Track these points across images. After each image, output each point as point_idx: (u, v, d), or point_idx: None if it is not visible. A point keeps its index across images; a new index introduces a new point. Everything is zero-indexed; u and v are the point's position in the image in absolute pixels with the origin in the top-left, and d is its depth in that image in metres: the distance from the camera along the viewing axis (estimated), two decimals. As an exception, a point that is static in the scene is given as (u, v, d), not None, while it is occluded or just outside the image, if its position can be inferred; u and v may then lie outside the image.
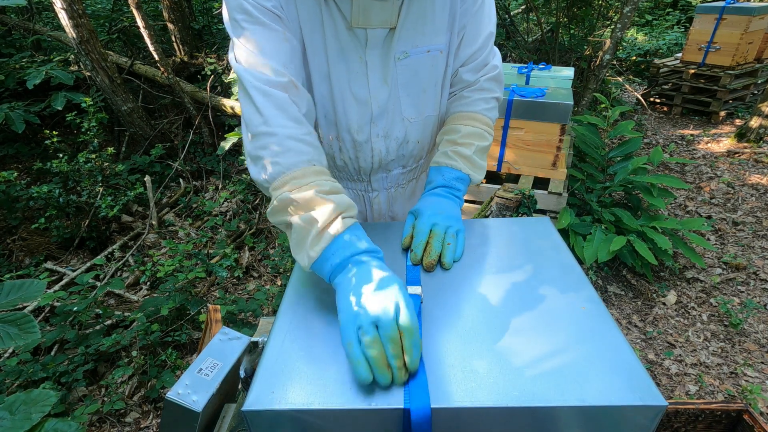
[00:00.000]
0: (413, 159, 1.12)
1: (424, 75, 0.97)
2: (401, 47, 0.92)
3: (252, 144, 0.80)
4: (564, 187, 2.71)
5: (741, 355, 2.26)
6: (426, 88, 0.99)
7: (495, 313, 0.69)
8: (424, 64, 0.96)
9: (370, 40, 0.90)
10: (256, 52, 0.80)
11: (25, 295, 1.09)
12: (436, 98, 1.04)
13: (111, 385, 2.00)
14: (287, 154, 0.77)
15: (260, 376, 0.61)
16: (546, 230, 0.91)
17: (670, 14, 8.19)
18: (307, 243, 0.71)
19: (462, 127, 1.01)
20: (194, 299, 2.34)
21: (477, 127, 1.02)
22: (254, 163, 0.80)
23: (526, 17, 6.20)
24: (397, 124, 1.02)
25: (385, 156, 1.06)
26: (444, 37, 0.96)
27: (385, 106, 0.98)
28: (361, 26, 0.87)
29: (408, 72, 0.95)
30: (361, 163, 1.06)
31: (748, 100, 5.06)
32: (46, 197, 2.89)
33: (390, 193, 1.16)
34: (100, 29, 4.64)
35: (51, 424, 0.90)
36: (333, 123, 0.99)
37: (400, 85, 0.96)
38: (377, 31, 0.89)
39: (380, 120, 0.99)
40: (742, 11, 4.42)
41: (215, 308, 1.26)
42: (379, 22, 0.88)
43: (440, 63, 0.98)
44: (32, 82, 3.24)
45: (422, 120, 1.04)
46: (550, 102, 2.55)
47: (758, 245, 3.01)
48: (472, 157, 0.99)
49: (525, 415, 0.55)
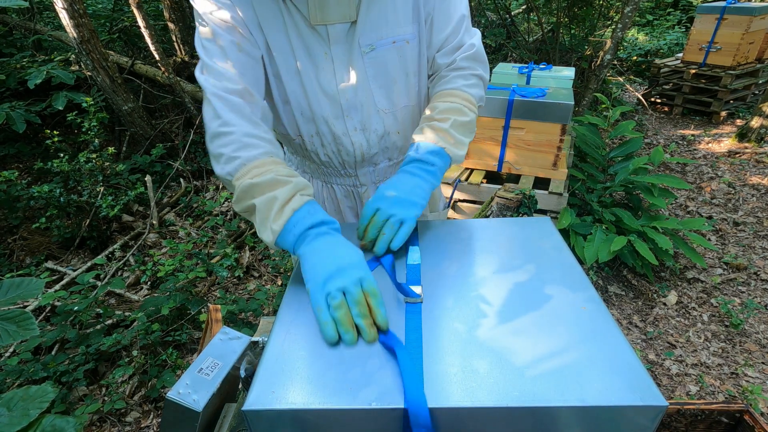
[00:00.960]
0: (398, 151, 1.13)
1: (392, 66, 0.98)
2: (366, 40, 0.93)
3: (213, 144, 0.86)
4: (564, 187, 2.71)
5: (742, 355, 2.25)
6: (396, 78, 1.00)
7: (495, 313, 0.69)
8: (392, 55, 0.96)
9: (332, 35, 0.91)
10: (213, 63, 0.87)
11: (24, 293, 1.09)
12: (410, 88, 1.04)
13: (111, 384, 2.00)
14: (246, 148, 0.83)
15: (260, 376, 0.61)
16: (546, 230, 0.91)
17: (671, 14, 8.19)
18: (270, 219, 0.78)
19: (439, 104, 0.99)
20: (195, 299, 2.35)
21: (455, 102, 0.99)
22: (216, 161, 0.86)
23: (526, 17, 6.19)
24: (373, 117, 1.02)
25: (368, 149, 1.07)
26: (410, 27, 0.96)
27: (355, 99, 0.98)
28: (320, 23, 0.89)
29: (376, 64, 0.96)
30: (344, 157, 1.07)
31: (749, 100, 5.05)
32: (47, 197, 2.89)
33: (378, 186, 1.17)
34: (100, 29, 4.65)
35: (49, 420, 0.89)
36: (310, 119, 1.01)
37: (370, 77, 0.97)
38: (337, 26, 0.91)
39: (353, 113, 1.00)
40: (742, 11, 4.42)
41: (216, 308, 1.26)
42: (338, 17, 0.89)
43: (409, 53, 0.99)
44: (33, 81, 3.24)
45: (398, 111, 1.04)
46: (551, 102, 2.55)
47: (759, 245, 3.00)
48: (449, 131, 0.95)
49: (525, 415, 0.55)
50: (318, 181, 1.19)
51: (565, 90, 2.76)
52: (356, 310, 0.66)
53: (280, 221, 0.78)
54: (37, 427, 0.88)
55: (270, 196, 0.79)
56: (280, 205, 0.78)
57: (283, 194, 0.79)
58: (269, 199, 0.79)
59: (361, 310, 0.66)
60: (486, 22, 5.95)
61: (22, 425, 0.86)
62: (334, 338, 0.64)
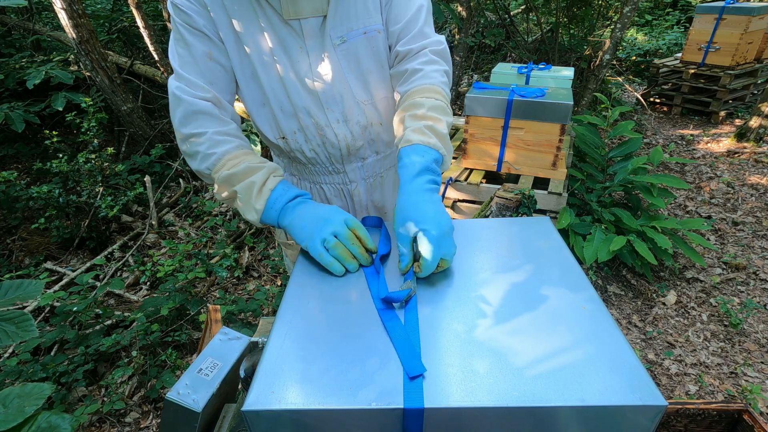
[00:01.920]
0: (384, 144, 1.13)
1: (365, 57, 0.99)
2: (337, 33, 0.95)
3: (186, 144, 0.94)
4: (564, 187, 2.71)
5: (741, 355, 2.26)
6: (371, 69, 1.01)
7: (494, 313, 0.69)
8: (364, 46, 0.98)
9: (305, 29, 0.93)
10: (185, 71, 0.92)
11: (24, 295, 1.09)
12: (385, 78, 1.05)
13: (111, 385, 2.00)
14: (219, 145, 0.93)
15: (260, 376, 0.61)
16: (546, 230, 0.91)
17: (670, 14, 8.20)
18: (252, 200, 0.89)
19: (425, 101, 0.92)
20: (194, 299, 2.34)
21: (440, 100, 0.95)
22: (192, 158, 0.95)
23: (526, 17, 6.19)
24: (353, 108, 1.03)
25: (352, 141, 1.07)
26: (378, 17, 0.98)
27: (333, 91, 0.99)
28: (294, 17, 0.91)
29: (349, 56, 0.98)
30: (329, 150, 1.07)
31: (747, 100, 5.06)
32: (46, 197, 2.89)
33: (369, 183, 1.17)
34: (99, 29, 4.64)
35: (44, 417, 0.89)
36: (291, 114, 1.02)
37: (345, 69, 0.98)
38: (310, 20, 0.93)
39: (333, 105, 1.01)
40: (741, 11, 4.42)
41: (215, 308, 1.26)
42: (310, 12, 0.92)
43: (380, 43, 1.00)
44: (32, 82, 3.24)
45: (378, 102, 1.05)
46: (550, 102, 2.55)
47: (758, 245, 3.01)
48: (446, 137, 0.91)
49: (525, 415, 0.55)
50: (306, 182, 1.19)
51: (564, 90, 2.76)
52: (349, 243, 0.81)
53: (261, 201, 0.89)
54: (32, 424, 0.87)
55: (248, 182, 0.89)
56: (259, 187, 0.89)
57: (260, 178, 0.90)
58: (248, 184, 0.89)
59: (354, 242, 0.82)
60: (485, 22, 5.95)
61: (18, 422, 0.86)
62: (341, 271, 0.79)
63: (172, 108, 0.94)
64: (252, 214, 0.90)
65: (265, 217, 0.90)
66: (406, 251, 0.78)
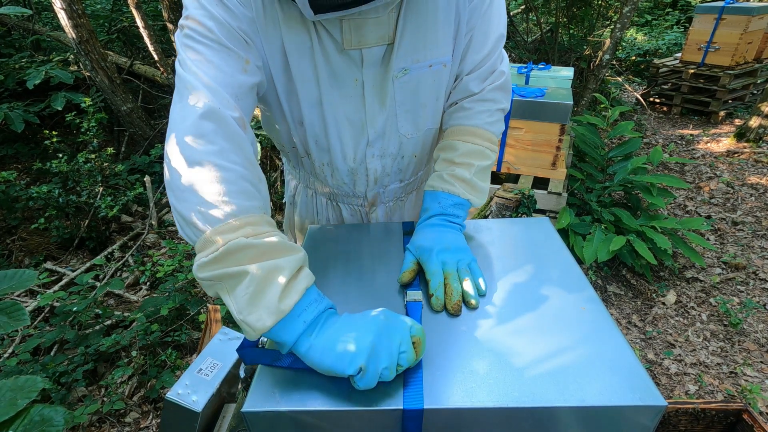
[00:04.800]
0: (411, 173, 1.07)
1: (424, 91, 0.89)
2: (400, 64, 0.83)
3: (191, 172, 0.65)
4: (563, 187, 2.71)
5: (740, 354, 2.26)
6: (426, 103, 0.91)
7: (495, 314, 0.69)
8: (426, 79, 0.87)
9: (366, 59, 0.81)
10: (208, 75, 0.69)
11: (17, 285, 1.07)
12: (437, 111, 0.96)
13: (111, 385, 2.00)
14: (241, 195, 0.65)
15: (260, 376, 0.61)
16: (545, 230, 0.91)
17: (670, 14, 8.20)
18: (271, 295, 0.59)
19: (461, 145, 0.90)
20: (194, 299, 2.34)
21: (478, 144, 0.91)
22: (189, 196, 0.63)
23: (525, 17, 6.20)
24: (393, 142, 0.95)
25: (381, 173, 1.01)
26: (448, 48, 0.86)
27: (383, 127, 0.91)
28: (355, 47, 0.79)
29: (407, 89, 0.87)
30: (357, 186, 1.02)
31: (747, 100, 5.06)
32: (46, 197, 2.89)
33: (388, 206, 1.11)
34: (99, 29, 4.64)
35: (37, 410, 0.87)
36: (326, 149, 0.94)
37: (398, 103, 0.88)
38: (374, 49, 0.81)
39: (375, 142, 0.93)
40: (741, 11, 4.43)
41: (215, 308, 1.26)
42: (375, 40, 0.79)
43: (443, 77, 0.89)
44: (32, 82, 3.24)
45: (420, 135, 0.97)
46: (550, 102, 2.55)
47: (758, 245, 3.01)
48: (471, 180, 0.89)
49: (525, 416, 0.55)
50: (322, 198, 1.11)
51: (564, 90, 2.76)
52: None
53: (289, 300, 0.60)
54: (24, 417, 0.86)
55: (272, 265, 0.61)
56: (288, 279, 0.61)
57: (291, 264, 0.62)
58: (271, 268, 0.60)
59: None
60: (485, 22, 5.94)
61: (10, 415, 0.84)
62: None
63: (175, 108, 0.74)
64: (264, 315, 0.59)
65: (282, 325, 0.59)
66: (411, 264, 0.80)
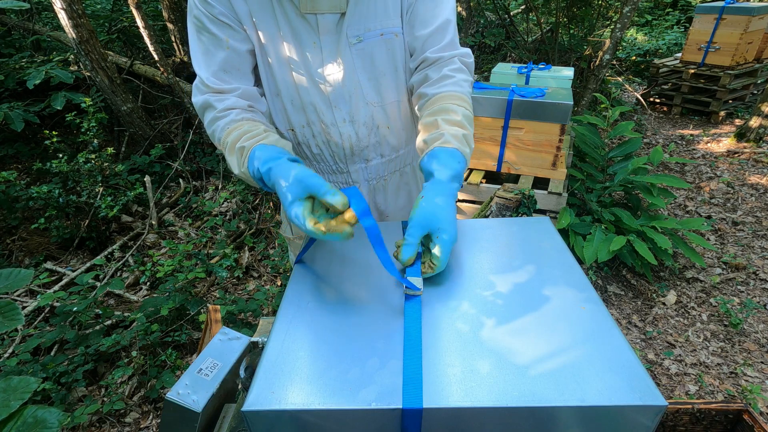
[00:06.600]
0: (390, 147, 1.12)
1: (380, 59, 0.98)
2: (353, 32, 0.93)
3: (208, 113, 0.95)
4: (564, 187, 2.71)
5: (741, 354, 2.26)
6: (385, 71, 1.00)
7: (495, 313, 0.69)
8: (380, 48, 0.97)
9: (321, 25, 0.92)
10: (203, 57, 0.93)
11: (12, 284, 1.07)
12: (397, 83, 1.04)
13: (111, 385, 2.00)
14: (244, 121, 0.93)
15: (260, 376, 0.61)
16: (546, 230, 0.91)
17: (670, 14, 8.20)
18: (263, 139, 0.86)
19: (459, 108, 0.93)
20: (194, 299, 2.34)
21: (470, 111, 0.96)
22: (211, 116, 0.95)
23: (525, 17, 6.20)
24: (362, 109, 1.02)
25: (357, 142, 1.07)
26: (398, 20, 0.96)
27: (343, 90, 0.99)
28: (311, 11, 0.90)
29: (364, 56, 0.97)
30: (333, 148, 1.08)
31: (747, 100, 5.06)
32: (46, 197, 2.89)
33: (372, 185, 1.17)
34: (99, 29, 4.64)
35: (30, 411, 0.86)
36: (300, 108, 1.01)
37: (358, 69, 0.97)
38: (327, 16, 0.91)
39: (341, 104, 1.00)
40: (741, 11, 4.42)
41: (215, 308, 1.26)
42: (328, 7, 0.90)
43: (397, 46, 0.99)
44: (32, 82, 3.24)
45: (387, 105, 1.05)
46: (550, 102, 2.55)
47: (758, 245, 3.01)
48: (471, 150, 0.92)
49: (525, 415, 0.55)
50: None
51: (564, 90, 2.76)
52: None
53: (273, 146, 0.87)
54: (18, 419, 0.85)
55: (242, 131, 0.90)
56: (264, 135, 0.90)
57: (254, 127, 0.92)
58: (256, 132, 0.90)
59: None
60: (485, 22, 5.96)
61: (3, 416, 0.83)
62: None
63: (202, 113, 0.97)
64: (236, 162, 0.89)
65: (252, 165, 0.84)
66: (413, 242, 0.76)
